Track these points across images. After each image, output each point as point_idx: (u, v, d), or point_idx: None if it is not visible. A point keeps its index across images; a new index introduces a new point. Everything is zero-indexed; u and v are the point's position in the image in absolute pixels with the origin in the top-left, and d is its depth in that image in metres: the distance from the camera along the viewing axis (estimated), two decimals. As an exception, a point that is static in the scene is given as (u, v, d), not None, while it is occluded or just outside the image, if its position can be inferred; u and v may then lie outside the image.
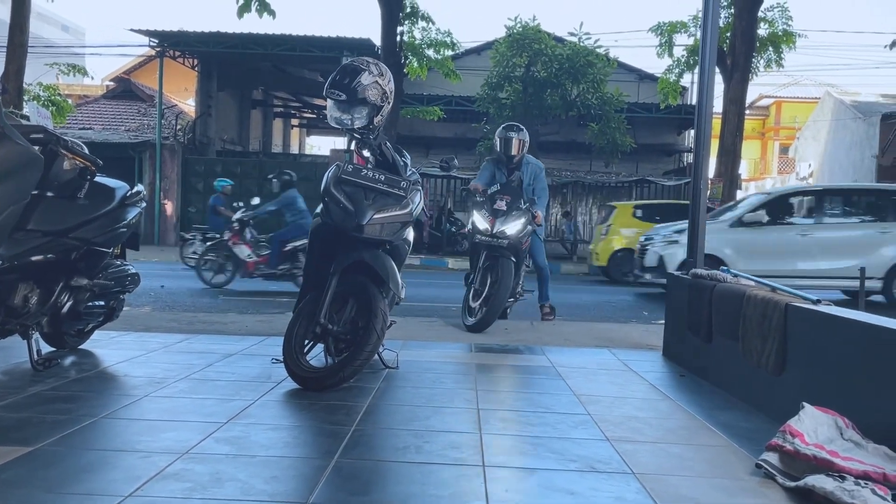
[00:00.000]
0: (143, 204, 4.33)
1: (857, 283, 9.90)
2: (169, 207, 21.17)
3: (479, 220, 6.44)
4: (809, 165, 28.56)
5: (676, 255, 10.02)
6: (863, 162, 23.52)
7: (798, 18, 67.75)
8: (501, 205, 6.39)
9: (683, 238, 10.40)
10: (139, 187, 4.32)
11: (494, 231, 6.27)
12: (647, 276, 10.98)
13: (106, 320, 4.55)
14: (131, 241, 4.49)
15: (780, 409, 3.03)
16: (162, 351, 4.56)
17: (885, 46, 15.39)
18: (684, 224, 10.68)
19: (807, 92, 35.85)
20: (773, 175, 35.75)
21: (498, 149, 6.91)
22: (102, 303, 4.38)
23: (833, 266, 9.81)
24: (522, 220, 6.37)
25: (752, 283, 3.96)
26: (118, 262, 4.42)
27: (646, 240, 11.46)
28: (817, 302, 3.19)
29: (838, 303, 3.36)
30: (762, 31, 17.20)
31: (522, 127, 7.03)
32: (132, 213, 4.16)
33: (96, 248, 3.92)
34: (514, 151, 6.79)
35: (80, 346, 4.49)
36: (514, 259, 6.34)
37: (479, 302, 6.31)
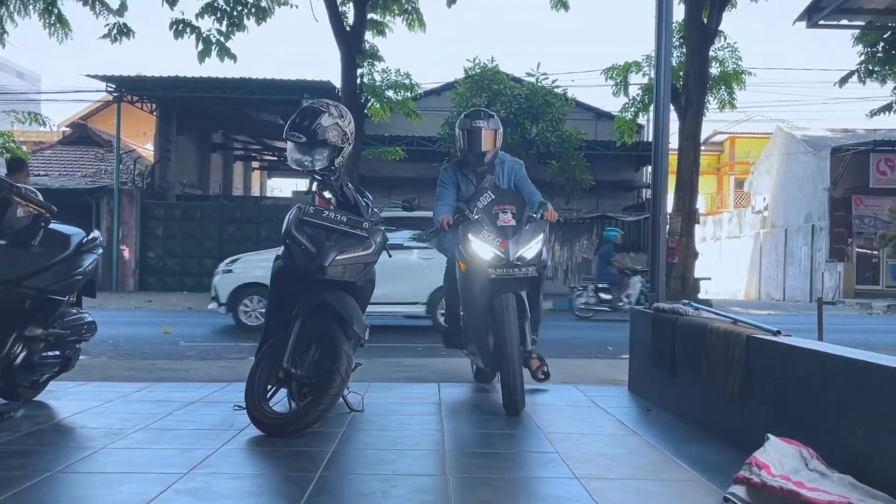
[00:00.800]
0: (100, 250, 4.26)
1: (413, 310, 10.10)
2: (126, 253, 20.86)
3: (484, 246, 4.49)
4: (764, 199, 29.21)
5: (227, 283, 10.08)
6: (815, 194, 24.12)
7: (748, 57, 69.75)
8: (507, 218, 4.57)
9: (237, 266, 10.29)
10: (95, 233, 4.25)
11: (513, 257, 4.45)
12: (215, 307, 10.37)
13: (61, 371, 4.43)
14: (88, 289, 4.40)
15: (746, 441, 3.04)
16: (120, 401, 4.45)
17: (834, 84, 15.91)
18: (247, 255, 10.41)
19: (759, 128, 36.80)
20: (730, 209, 36.47)
21: (461, 145, 5.01)
22: (58, 352, 4.26)
23: (388, 291, 8.84)
24: (541, 236, 4.64)
25: (714, 316, 4.01)
26: (74, 311, 4.32)
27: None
28: (777, 333, 3.23)
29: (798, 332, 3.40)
30: (714, 69, 17.67)
31: (493, 113, 5.11)
32: (88, 260, 4.08)
33: (51, 297, 3.83)
34: (485, 147, 4.91)
35: (34, 398, 4.36)
36: (519, 292, 4.56)
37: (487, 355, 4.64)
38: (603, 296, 12.37)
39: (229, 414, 4.00)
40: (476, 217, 4.56)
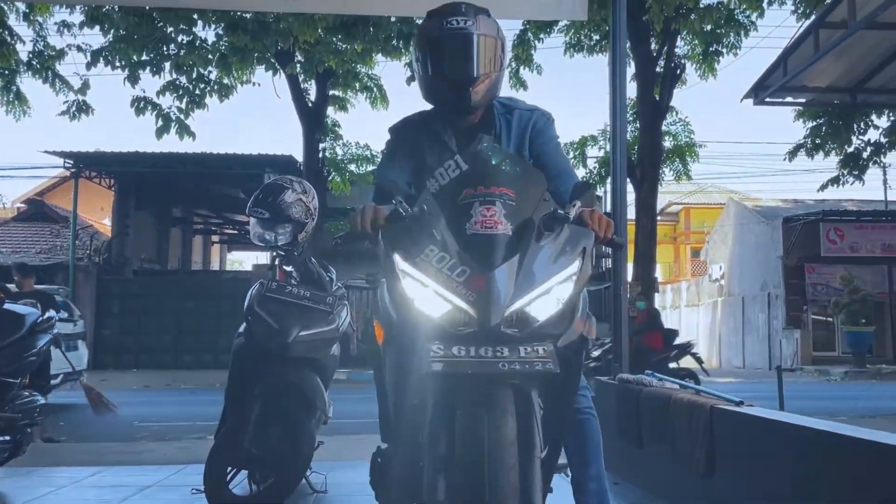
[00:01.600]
0: (55, 330, 4.16)
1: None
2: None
3: (428, 290, 2.01)
4: (721, 267, 29.76)
5: None
6: (769, 262, 24.66)
7: (701, 131, 72.24)
8: (492, 218, 2.05)
9: None
10: (51, 313, 4.17)
11: (499, 316, 1.94)
12: None
13: (11, 456, 4.25)
14: (42, 372, 4.27)
15: (714, 514, 3.03)
16: (72, 486, 4.28)
17: (784, 157, 16.46)
18: None
19: (712, 198, 37.74)
20: (688, 278, 37.06)
21: (423, 73, 2.56)
22: (8, 437, 4.11)
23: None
24: (576, 265, 2.09)
25: (677, 387, 4.03)
26: (26, 393, 4.19)
27: None
28: (740, 403, 3.26)
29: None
30: (667, 143, 18.23)
31: (484, 8, 2.57)
32: (43, 341, 3.99)
33: (2, 379, 3.71)
34: (476, 70, 2.46)
35: (-20, 486, 4.18)
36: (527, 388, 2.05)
37: None
38: None
39: (187, 498, 3.87)
40: (422, 211, 2.15)
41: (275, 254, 4.03)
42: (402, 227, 2.16)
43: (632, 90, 15.66)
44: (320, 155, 17.36)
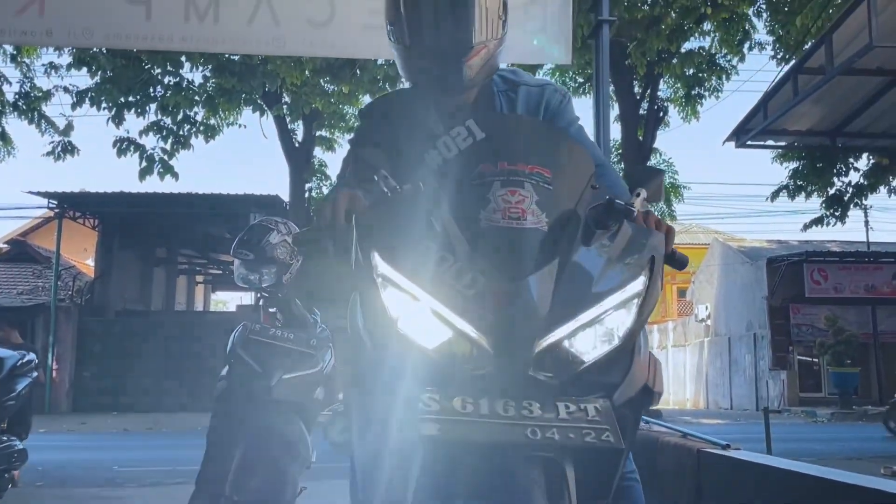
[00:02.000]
0: (35, 374, 4.10)
1: None
2: (61, 372, 20.08)
3: (418, 315, 1.37)
4: (707, 307, 29.83)
5: None
6: (755, 303, 24.76)
7: (684, 172, 73.21)
8: (522, 208, 1.42)
9: None
10: (30, 356, 4.10)
11: (532, 352, 1.31)
12: None
13: (-15, 503, 4.16)
14: (21, 415, 4.20)
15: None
16: (47, 534, 4.17)
17: (766, 199, 16.65)
18: None
19: (697, 239, 38.04)
20: (674, 318, 37.14)
21: (397, 38, 1.87)
22: (-18, 483, 4.02)
23: None
24: (641, 281, 1.44)
25: (664, 430, 4.00)
26: (4, 437, 4.11)
27: None
28: (727, 446, 3.24)
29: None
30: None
31: None
32: (22, 384, 3.92)
33: (-22, 424, 3.64)
34: (472, 36, 1.78)
35: (-48, 534, 4.07)
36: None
37: None
38: None
39: (166, 546, 3.78)
40: (416, 191, 1.55)
41: (259, 295, 4.00)
42: (385, 214, 1.50)
43: (616, 131, 15.87)
44: (307, 195, 17.40)
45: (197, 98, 14.01)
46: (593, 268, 1.41)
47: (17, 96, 13.38)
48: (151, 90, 13.79)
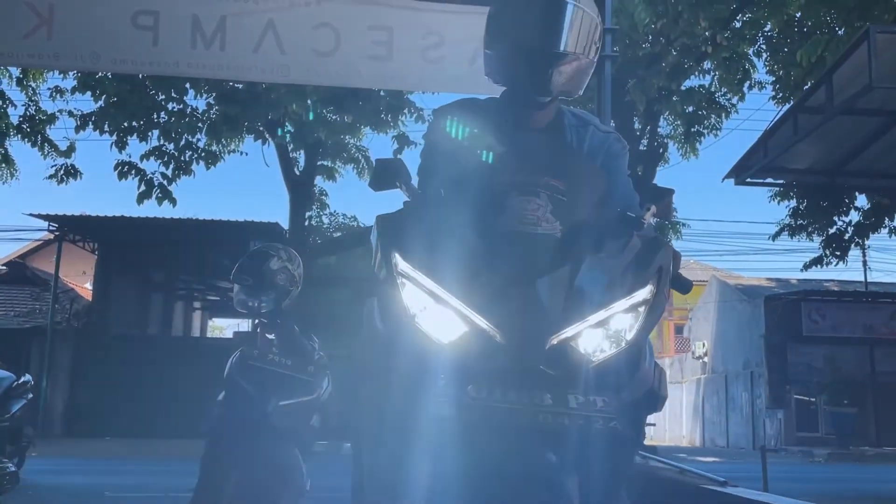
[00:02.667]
0: (30, 395, 4.08)
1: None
2: (56, 395, 19.95)
3: (435, 311, 1.46)
4: (703, 344, 29.74)
5: None
6: (752, 341, 24.69)
7: (683, 209, 73.49)
8: (538, 216, 1.55)
9: None
10: (26, 377, 4.09)
11: (543, 346, 1.41)
12: None
13: (-25, 526, 4.11)
14: (14, 437, 4.16)
15: None
16: (36, 559, 4.11)
17: (769, 238, 16.67)
18: None
19: (695, 275, 38.00)
20: (672, 354, 37.01)
21: (491, 39, 1.94)
22: (-28, 506, 3.98)
23: None
24: (651, 284, 1.53)
25: (662, 465, 3.98)
26: (-5, 459, 4.07)
27: None
28: (724, 483, 3.21)
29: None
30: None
31: None
32: (16, 406, 3.90)
33: (-29, 444, 3.61)
34: (565, 43, 1.83)
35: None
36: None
37: None
38: None
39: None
40: (437, 197, 1.70)
41: (257, 321, 3.99)
42: (407, 217, 1.60)
43: (616, 168, 15.90)
44: (306, 223, 17.43)
45: (199, 125, 14.08)
46: (603, 274, 1.48)
47: (21, 119, 13.46)
48: (155, 116, 13.87)
